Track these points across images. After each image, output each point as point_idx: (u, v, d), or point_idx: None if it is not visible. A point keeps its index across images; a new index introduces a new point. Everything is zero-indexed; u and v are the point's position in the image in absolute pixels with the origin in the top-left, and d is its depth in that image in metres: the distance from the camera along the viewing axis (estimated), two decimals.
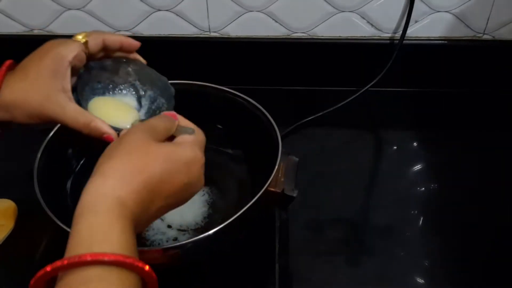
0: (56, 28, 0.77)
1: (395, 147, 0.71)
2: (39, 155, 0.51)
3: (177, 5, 0.73)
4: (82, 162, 0.57)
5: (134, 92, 0.52)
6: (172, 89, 0.52)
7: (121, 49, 0.51)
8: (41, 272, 0.31)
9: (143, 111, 0.51)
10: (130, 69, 0.52)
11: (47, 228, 0.55)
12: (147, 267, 0.32)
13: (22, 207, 0.60)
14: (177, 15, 0.74)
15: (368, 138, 0.74)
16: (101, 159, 0.38)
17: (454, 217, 0.60)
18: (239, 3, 0.73)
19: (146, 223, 0.38)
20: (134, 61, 0.52)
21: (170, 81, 0.59)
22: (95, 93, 0.50)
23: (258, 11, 0.73)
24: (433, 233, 0.58)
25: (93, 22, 0.76)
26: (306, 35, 0.76)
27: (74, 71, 0.47)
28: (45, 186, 0.48)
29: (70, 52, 0.45)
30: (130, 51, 0.52)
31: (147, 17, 0.75)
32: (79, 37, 0.48)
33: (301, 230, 0.58)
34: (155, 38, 0.77)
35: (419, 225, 0.59)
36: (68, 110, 0.44)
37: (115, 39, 0.50)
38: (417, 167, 0.67)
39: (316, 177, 0.65)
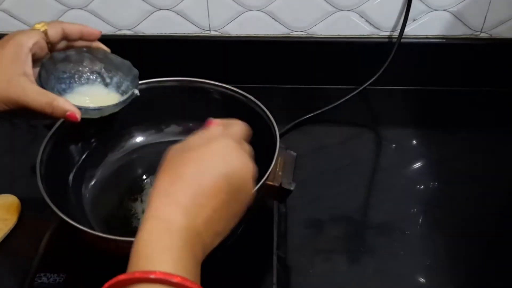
0: None
1: (394, 145, 0.72)
2: (41, 149, 0.51)
3: (178, 4, 0.74)
4: (84, 156, 0.57)
5: (99, 80, 0.55)
6: (136, 71, 0.55)
7: (82, 38, 0.52)
8: (113, 281, 0.31)
9: (111, 95, 0.54)
10: (94, 57, 0.54)
11: (50, 222, 0.55)
12: None
13: (25, 202, 0.61)
14: (178, 14, 0.75)
15: (367, 136, 0.75)
16: (170, 164, 0.37)
17: (454, 215, 0.60)
18: (239, 2, 0.74)
19: (204, 228, 0.36)
20: (97, 49, 0.54)
21: (171, 78, 0.61)
22: (61, 82, 0.53)
23: (258, 10, 0.74)
24: (432, 231, 0.58)
25: (95, 21, 0.77)
26: (306, 33, 0.77)
27: (37, 60, 0.48)
28: (48, 180, 0.49)
29: (29, 39, 0.47)
30: (91, 40, 0.53)
31: (148, 16, 0.76)
32: (38, 26, 0.50)
33: (300, 228, 0.58)
34: (156, 37, 0.78)
35: (418, 223, 0.59)
36: (30, 91, 0.45)
37: (74, 28, 0.52)
38: (416, 165, 0.67)
39: (315, 175, 0.65)
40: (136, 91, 0.54)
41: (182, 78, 0.60)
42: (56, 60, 0.52)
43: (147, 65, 0.78)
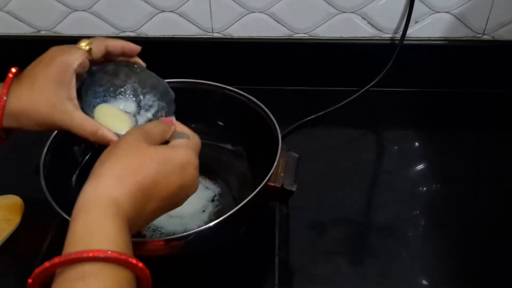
0: (62, 29, 0.78)
1: (396, 147, 0.72)
2: (45, 150, 0.52)
3: (180, 6, 0.75)
4: (87, 157, 0.58)
5: (133, 95, 0.53)
6: (172, 93, 0.53)
7: (123, 54, 0.51)
8: (40, 268, 0.32)
9: (142, 114, 0.52)
10: (130, 71, 0.53)
11: (53, 222, 0.56)
12: (140, 264, 0.34)
13: (28, 202, 0.61)
14: (181, 16, 0.76)
15: (369, 138, 0.75)
16: (98, 163, 0.39)
17: (456, 217, 0.60)
18: (241, 4, 0.74)
19: (141, 225, 0.39)
20: (135, 64, 0.53)
21: (173, 80, 0.61)
22: (97, 96, 0.51)
23: (260, 12, 0.75)
24: (435, 233, 0.58)
25: (99, 23, 0.77)
26: (308, 35, 0.77)
27: (78, 77, 0.48)
28: (51, 181, 0.49)
29: (75, 60, 0.46)
30: (131, 56, 0.52)
31: (152, 18, 0.76)
32: (83, 44, 0.48)
33: (302, 229, 0.58)
34: (159, 39, 0.78)
35: (420, 225, 0.59)
36: (76, 119, 0.45)
37: (117, 44, 0.51)
38: (418, 167, 0.67)
39: (317, 177, 0.65)
40: (173, 117, 0.51)
41: (184, 79, 0.61)
42: (95, 74, 0.51)
43: (149, 67, 0.79)
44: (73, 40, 0.76)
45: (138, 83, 0.53)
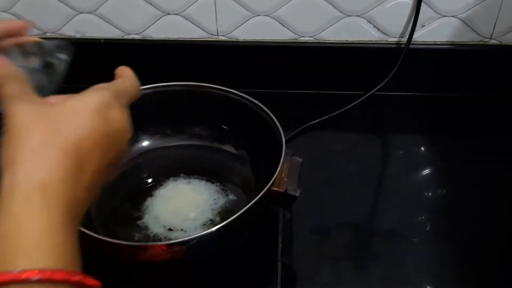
0: (68, 30, 0.78)
1: (401, 152, 0.71)
2: None
3: (186, 9, 0.75)
4: None
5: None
6: (67, 42, 0.46)
7: (9, 35, 0.43)
8: None
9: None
10: (27, 54, 0.46)
11: None
12: (77, 278, 0.27)
13: None
14: (186, 18, 0.76)
15: (374, 143, 0.74)
16: (4, 147, 0.31)
17: (461, 223, 0.59)
18: (247, 7, 0.74)
19: (85, 196, 0.32)
20: (29, 43, 0.45)
21: (177, 83, 0.61)
22: None
23: (265, 15, 0.74)
24: (439, 239, 0.58)
25: (104, 25, 0.77)
26: (313, 39, 0.76)
27: None
28: None
29: None
30: (21, 35, 0.43)
31: (157, 20, 0.76)
32: None
33: (306, 234, 0.58)
34: (164, 41, 0.78)
35: (425, 230, 0.59)
36: None
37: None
38: (424, 172, 0.66)
39: (321, 181, 0.65)
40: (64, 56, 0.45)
41: (188, 82, 0.61)
42: None
43: (154, 69, 0.79)
44: (79, 43, 0.78)
45: (39, 63, 0.46)
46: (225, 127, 0.62)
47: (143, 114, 0.59)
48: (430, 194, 0.63)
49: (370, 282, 0.53)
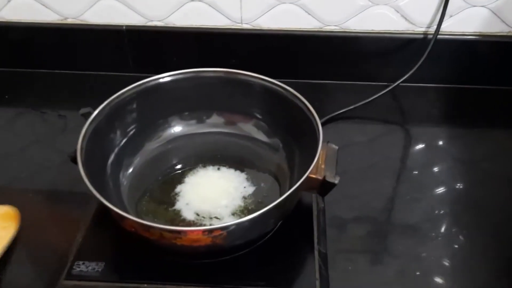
0: (89, 17, 0.77)
1: (424, 145, 0.70)
2: (81, 136, 0.51)
3: None
4: (122, 144, 0.57)
5: None
6: None
7: None
8: None
9: None
10: None
11: (83, 211, 0.55)
12: None
13: (55, 192, 0.60)
14: (210, 5, 0.75)
15: (397, 135, 0.73)
16: None
17: (481, 218, 0.59)
18: None
19: None
20: None
21: (209, 69, 0.59)
22: None
23: (291, 3, 0.73)
24: (458, 234, 0.57)
25: (127, 12, 0.76)
26: (339, 28, 0.75)
27: None
28: (87, 167, 0.48)
29: None
30: None
31: (180, 7, 0.75)
32: None
33: (329, 225, 0.56)
34: (187, 29, 0.77)
35: (444, 225, 0.58)
36: None
37: None
38: (446, 165, 0.66)
39: (343, 172, 0.62)
40: None
41: (222, 69, 0.59)
42: None
43: (177, 57, 0.79)
44: (101, 29, 0.77)
45: None
46: (258, 115, 0.61)
47: (175, 99, 0.59)
48: (451, 188, 0.62)
49: (386, 277, 0.52)
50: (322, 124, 0.70)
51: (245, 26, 0.76)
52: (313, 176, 0.49)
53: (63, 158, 0.57)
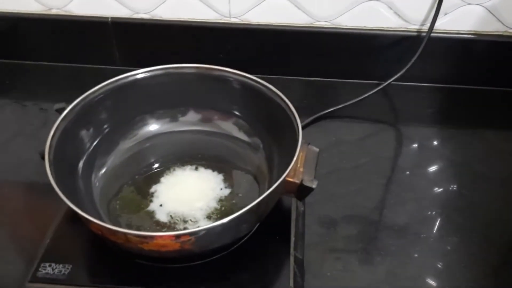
0: (74, 8, 0.75)
1: (416, 145, 0.69)
2: (51, 134, 0.49)
3: None
4: (95, 142, 0.55)
5: None
6: None
7: None
8: None
9: None
10: None
11: (58, 209, 0.53)
12: None
13: (33, 187, 0.59)
14: None
15: (388, 134, 0.72)
16: None
17: (473, 220, 0.57)
18: None
19: None
20: None
21: (188, 65, 0.58)
22: None
23: None
24: (449, 235, 0.55)
25: (112, 4, 0.74)
26: (330, 24, 0.73)
27: None
28: (56, 167, 0.47)
29: None
30: None
31: None
32: None
33: (314, 226, 0.56)
34: (174, 22, 0.75)
35: (436, 226, 0.57)
36: None
37: None
38: (438, 166, 0.64)
39: (331, 172, 0.63)
40: None
41: (199, 65, 0.58)
42: None
43: (163, 50, 0.77)
44: (85, 21, 0.75)
45: None
46: (237, 113, 0.59)
47: (151, 96, 0.58)
48: (442, 189, 0.61)
49: (376, 277, 0.51)
50: (311, 123, 0.70)
51: (233, 20, 0.74)
52: (290, 179, 0.47)
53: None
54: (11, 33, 0.78)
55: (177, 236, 0.41)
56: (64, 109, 0.52)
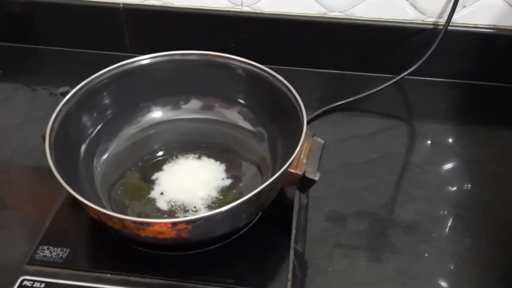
0: None
1: (429, 141, 0.67)
2: (53, 117, 0.49)
3: None
4: (98, 128, 0.55)
5: None
6: None
7: None
8: None
9: None
10: None
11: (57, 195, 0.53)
12: None
13: (40, 170, 0.58)
14: None
15: (400, 129, 0.70)
16: None
17: (486, 220, 0.56)
18: None
19: None
20: None
21: (193, 52, 0.57)
22: None
23: None
24: (461, 235, 0.54)
25: None
26: (344, 14, 0.72)
27: None
28: (58, 151, 0.47)
29: None
30: None
31: None
32: None
33: (321, 221, 0.55)
34: (185, 10, 0.74)
35: (446, 225, 0.55)
36: None
37: None
38: (451, 164, 0.63)
39: (341, 166, 0.62)
40: None
41: (205, 52, 0.57)
42: None
43: (174, 38, 0.76)
44: (97, 6, 0.75)
45: None
46: (242, 101, 0.58)
47: (156, 82, 0.57)
48: (455, 187, 0.60)
49: (383, 274, 0.50)
50: (321, 115, 0.69)
51: (245, 9, 0.73)
52: (292, 170, 0.46)
53: None
54: (24, 18, 0.78)
55: (174, 224, 0.41)
56: (68, 92, 0.52)
